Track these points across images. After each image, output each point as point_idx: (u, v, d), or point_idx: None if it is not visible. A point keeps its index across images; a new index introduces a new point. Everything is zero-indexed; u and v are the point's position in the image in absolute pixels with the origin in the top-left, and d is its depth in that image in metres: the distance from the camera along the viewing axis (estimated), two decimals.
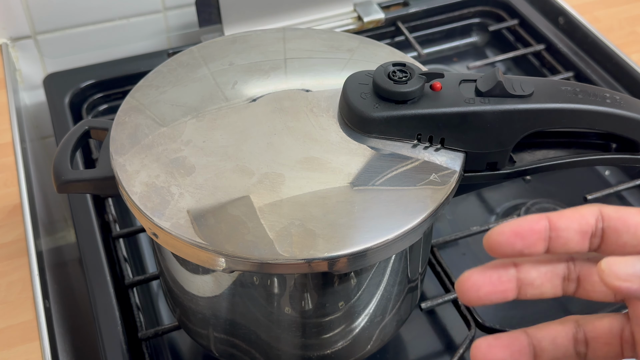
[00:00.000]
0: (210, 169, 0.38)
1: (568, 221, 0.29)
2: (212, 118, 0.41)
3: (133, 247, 0.60)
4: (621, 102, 0.39)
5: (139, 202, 0.37)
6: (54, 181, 0.42)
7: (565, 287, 0.30)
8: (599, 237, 0.30)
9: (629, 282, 0.26)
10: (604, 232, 0.29)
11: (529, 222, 0.29)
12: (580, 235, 0.29)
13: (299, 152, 0.39)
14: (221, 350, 0.45)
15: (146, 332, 0.49)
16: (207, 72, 0.44)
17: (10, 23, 0.67)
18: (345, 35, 0.48)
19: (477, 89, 0.39)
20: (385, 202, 0.36)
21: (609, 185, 0.62)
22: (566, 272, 0.30)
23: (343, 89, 0.40)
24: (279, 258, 0.34)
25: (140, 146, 0.40)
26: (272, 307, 0.40)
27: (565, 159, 0.41)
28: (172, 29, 0.74)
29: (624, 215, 0.29)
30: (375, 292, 0.41)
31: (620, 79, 0.68)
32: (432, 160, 0.39)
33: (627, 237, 0.29)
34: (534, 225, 0.29)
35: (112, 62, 0.69)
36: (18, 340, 0.47)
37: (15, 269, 0.51)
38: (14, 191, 0.56)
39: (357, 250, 0.35)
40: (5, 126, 0.61)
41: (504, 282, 0.29)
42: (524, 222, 0.29)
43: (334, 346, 0.43)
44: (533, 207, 0.58)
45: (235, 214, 0.36)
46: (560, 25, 0.75)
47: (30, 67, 0.71)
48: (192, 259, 0.37)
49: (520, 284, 0.30)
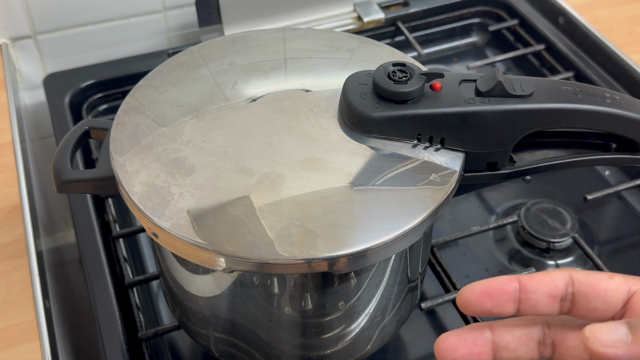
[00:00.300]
0: (210, 169, 0.38)
1: (538, 284, 0.31)
2: (212, 118, 0.41)
3: (133, 247, 0.60)
4: (621, 102, 0.39)
5: (139, 202, 0.37)
6: (54, 181, 0.42)
7: (541, 350, 0.31)
8: (569, 301, 0.31)
9: (614, 348, 0.27)
10: (574, 297, 0.31)
11: (499, 283, 0.31)
12: (550, 298, 0.31)
13: (299, 152, 0.39)
14: (221, 350, 0.45)
15: (146, 332, 0.49)
16: (207, 72, 0.44)
17: (10, 23, 0.67)
18: (345, 35, 0.48)
19: (477, 89, 0.39)
20: (385, 202, 0.36)
21: (609, 185, 0.63)
22: (541, 337, 0.32)
23: (343, 89, 0.40)
24: (279, 258, 0.34)
25: (140, 146, 0.40)
26: (272, 307, 0.40)
27: (565, 159, 0.41)
28: (172, 29, 0.74)
29: (594, 280, 0.31)
30: (375, 292, 0.41)
31: (620, 79, 0.68)
32: (432, 160, 0.39)
33: (597, 302, 0.30)
34: (503, 286, 0.31)
35: (112, 62, 0.69)
36: (18, 340, 0.47)
37: (15, 269, 0.51)
38: (14, 191, 0.56)
39: (357, 250, 0.35)
40: (5, 126, 0.61)
41: (479, 345, 0.31)
42: (494, 283, 0.31)
43: (334, 346, 0.43)
44: (533, 207, 0.58)
45: (235, 214, 0.36)
46: (560, 25, 0.75)
47: (30, 67, 0.71)
48: (192, 259, 0.37)
49: (496, 347, 0.31)
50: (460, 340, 0.31)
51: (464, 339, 0.31)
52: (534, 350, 0.31)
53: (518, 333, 0.31)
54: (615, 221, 0.62)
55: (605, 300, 0.30)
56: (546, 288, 0.31)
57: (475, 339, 0.31)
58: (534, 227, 0.57)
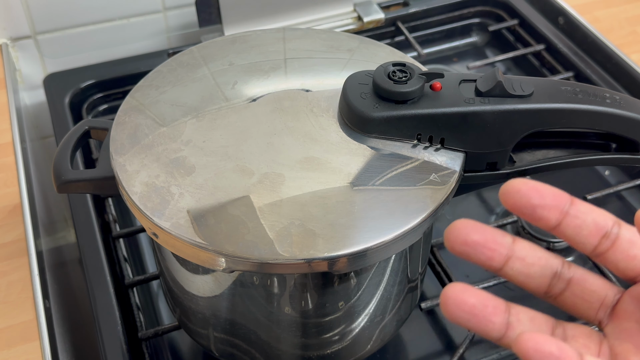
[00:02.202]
0: (210, 169, 0.38)
1: (589, 209, 0.29)
2: (212, 118, 0.41)
3: (133, 247, 0.60)
4: (621, 102, 0.39)
5: (139, 202, 0.37)
6: (54, 181, 0.42)
7: (553, 283, 0.30)
8: (611, 240, 0.29)
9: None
10: (617, 238, 0.29)
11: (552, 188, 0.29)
12: (595, 226, 0.29)
13: (299, 152, 0.39)
14: (221, 350, 0.45)
15: (146, 332, 0.49)
16: (207, 72, 0.44)
17: (10, 23, 0.68)
18: (345, 35, 0.48)
19: (477, 89, 0.39)
20: (385, 202, 0.36)
21: (609, 185, 0.62)
22: (559, 270, 0.30)
23: (343, 89, 0.40)
24: (279, 258, 0.34)
25: (140, 146, 0.40)
26: (272, 307, 0.40)
27: (565, 159, 0.42)
28: (172, 29, 0.74)
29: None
30: (375, 292, 0.41)
31: (620, 79, 0.68)
32: (432, 160, 0.39)
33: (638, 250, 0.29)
34: (557, 191, 0.28)
35: (112, 62, 0.69)
36: (18, 340, 0.47)
37: (15, 269, 0.51)
38: (14, 191, 0.56)
39: (357, 250, 0.35)
40: (5, 126, 0.61)
41: (497, 242, 0.29)
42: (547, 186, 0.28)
43: (334, 346, 0.43)
44: None
45: (235, 214, 0.36)
46: (560, 25, 0.75)
47: (30, 67, 0.71)
48: (192, 259, 0.37)
49: (512, 254, 0.29)
50: (479, 229, 0.28)
51: (483, 230, 0.28)
52: (547, 278, 0.30)
53: (540, 254, 0.30)
54: None
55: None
56: (596, 215, 0.29)
57: (495, 235, 0.29)
58: (534, 227, 0.57)
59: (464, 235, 0.28)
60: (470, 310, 0.28)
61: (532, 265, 0.29)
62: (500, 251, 0.29)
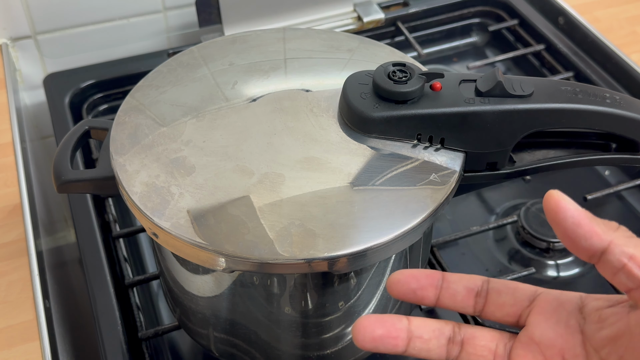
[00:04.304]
0: (210, 169, 0.38)
1: (458, 277, 0.34)
2: (212, 118, 0.41)
3: (133, 247, 0.60)
4: (621, 102, 0.39)
5: (139, 202, 0.37)
6: (54, 181, 0.42)
7: (449, 349, 0.33)
8: (483, 297, 0.34)
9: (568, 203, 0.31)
10: (487, 293, 0.34)
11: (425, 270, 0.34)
12: (467, 291, 0.34)
13: (299, 152, 0.39)
14: (221, 350, 0.45)
15: (146, 332, 0.49)
16: (207, 72, 0.44)
17: (10, 23, 0.68)
18: (345, 35, 0.48)
19: (477, 89, 0.39)
20: (385, 202, 0.36)
21: (609, 185, 0.63)
22: (452, 334, 0.34)
23: (343, 89, 0.40)
24: (279, 258, 0.34)
25: (140, 146, 0.40)
26: (272, 307, 0.40)
27: (565, 159, 0.42)
28: (172, 29, 0.74)
29: (507, 282, 0.34)
30: (375, 292, 0.41)
31: (620, 79, 0.68)
32: (432, 160, 0.39)
33: (506, 297, 0.34)
34: (428, 272, 0.34)
35: (112, 62, 0.69)
36: (18, 340, 0.47)
37: (15, 269, 0.51)
38: (14, 191, 0.56)
39: (357, 250, 0.35)
40: (5, 126, 0.61)
41: (397, 329, 0.33)
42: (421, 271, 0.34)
43: (334, 346, 0.43)
44: (533, 207, 0.58)
45: (235, 214, 0.36)
46: (560, 25, 0.75)
47: (30, 67, 0.71)
48: (192, 259, 0.37)
49: (411, 335, 0.33)
50: (379, 322, 0.33)
51: (383, 321, 0.33)
52: (444, 347, 0.33)
53: (432, 326, 0.34)
54: (615, 221, 0.62)
55: (513, 295, 0.34)
56: (465, 281, 0.34)
57: (394, 324, 0.33)
58: (534, 227, 0.57)
59: (370, 332, 0.32)
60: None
61: (430, 340, 0.33)
62: (401, 337, 0.33)
